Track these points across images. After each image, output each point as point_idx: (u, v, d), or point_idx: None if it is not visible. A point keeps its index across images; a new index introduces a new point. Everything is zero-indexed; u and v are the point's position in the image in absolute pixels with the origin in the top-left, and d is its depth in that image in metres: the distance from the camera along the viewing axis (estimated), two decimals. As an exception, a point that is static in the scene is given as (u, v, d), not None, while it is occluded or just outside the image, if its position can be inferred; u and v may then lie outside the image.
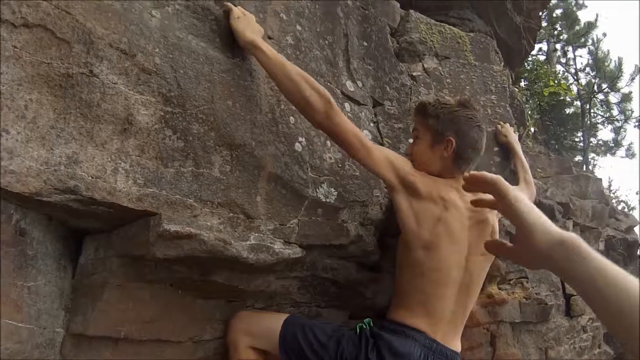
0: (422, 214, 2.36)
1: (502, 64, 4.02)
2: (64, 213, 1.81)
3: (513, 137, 3.39)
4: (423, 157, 2.51)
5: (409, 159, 2.55)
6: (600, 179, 6.48)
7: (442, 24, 3.74)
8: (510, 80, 4.05)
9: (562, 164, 5.87)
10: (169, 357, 2.20)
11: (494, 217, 2.54)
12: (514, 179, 3.28)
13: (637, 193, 12.21)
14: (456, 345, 2.47)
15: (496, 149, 3.38)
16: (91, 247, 2.07)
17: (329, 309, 2.83)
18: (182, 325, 2.21)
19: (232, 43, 2.14)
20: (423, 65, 3.41)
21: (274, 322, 2.42)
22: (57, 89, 1.64)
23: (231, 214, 2.09)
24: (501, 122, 3.46)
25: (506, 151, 3.43)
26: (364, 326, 2.43)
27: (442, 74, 3.45)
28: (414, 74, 3.33)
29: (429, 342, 2.33)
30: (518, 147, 3.36)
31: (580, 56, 14.31)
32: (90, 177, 1.69)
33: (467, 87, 3.51)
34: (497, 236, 2.54)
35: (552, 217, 4.29)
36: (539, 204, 4.09)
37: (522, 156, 3.34)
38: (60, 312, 1.98)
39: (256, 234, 2.16)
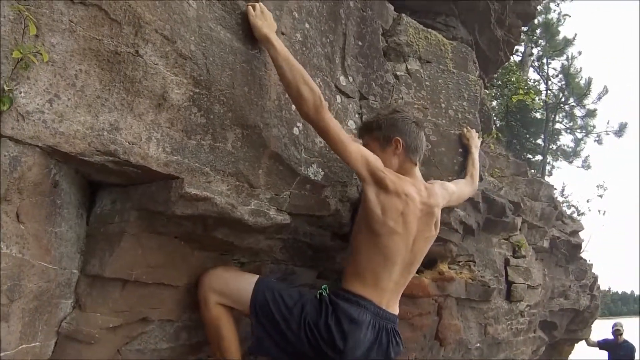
0: (388, 206, 2.58)
1: (478, 73, 4.21)
2: (95, 170, 2.00)
3: (474, 141, 3.64)
4: (383, 159, 2.71)
5: None
6: (552, 185, 6.79)
7: (429, 29, 3.90)
8: (482, 88, 4.26)
9: (518, 167, 6.12)
10: (167, 299, 2.44)
11: (439, 210, 2.86)
12: (464, 173, 3.56)
13: (587, 201, 12.63)
14: (396, 310, 2.77)
15: (460, 150, 3.62)
16: (107, 198, 2.25)
17: (302, 267, 3.10)
18: (180, 273, 2.45)
19: (252, 36, 2.35)
20: (407, 66, 3.60)
21: (245, 283, 2.58)
22: (105, 63, 1.83)
23: (238, 183, 2.34)
24: (467, 127, 3.69)
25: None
26: (323, 293, 2.63)
27: (423, 76, 3.63)
28: (398, 73, 3.53)
29: (376, 310, 2.60)
30: (475, 150, 3.61)
31: (554, 68, 14.51)
32: (127, 143, 1.90)
33: (443, 91, 3.70)
34: (439, 224, 2.86)
35: (502, 212, 4.60)
36: (491, 200, 4.36)
37: (476, 157, 3.60)
38: (77, 256, 2.15)
39: (256, 201, 2.42)
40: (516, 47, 13.80)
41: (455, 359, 4.53)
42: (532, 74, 14.56)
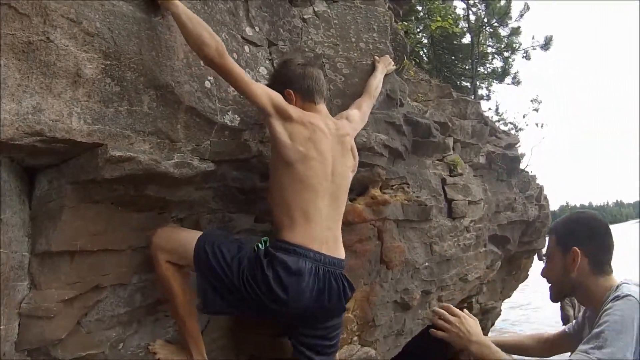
0: (295, 133, 2.78)
1: (388, 5, 4.48)
2: (26, 153, 2.26)
3: (381, 64, 3.95)
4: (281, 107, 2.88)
5: None
6: (479, 103, 6.89)
7: None
8: (393, 19, 4.47)
9: (442, 89, 6.31)
10: (115, 264, 2.70)
11: (351, 139, 3.13)
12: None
13: (523, 116, 12.95)
14: (340, 254, 2.95)
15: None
16: (44, 180, 2.50)
17: (238, 213, 3.35)
18: (123, 236, 2.70)
19: (154, 5, 2.59)
20: (314, 9, 3.83)
21: (188, 239, 2.74)
22: (21, 54, 2.07)
23: (159, 140, 2.60)
24: (378, 55, 4.00)
25: (386, 77, 4.03)
26: (260, 245, 2.74)
27: (330, 15, 3.88)
28: (305, 16, 3.76)
29: (317, 256, 2.75)
30: (380, 69, 3.91)
31: None
32: (51, 121, 2.16)
33: (352, 26, 3.97)
34: (355, 152, 3.18)
35: (429, 133, 4.85)
36: (415, 122, 4.61)
37: (378, 73, 3.88)
38: (25, 239, 2.40)
39: (179, 154, 2.68)
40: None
41: (405, 280, 4.82)
42: (459, 3, 14.86)
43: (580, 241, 2.45)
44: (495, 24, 13.95)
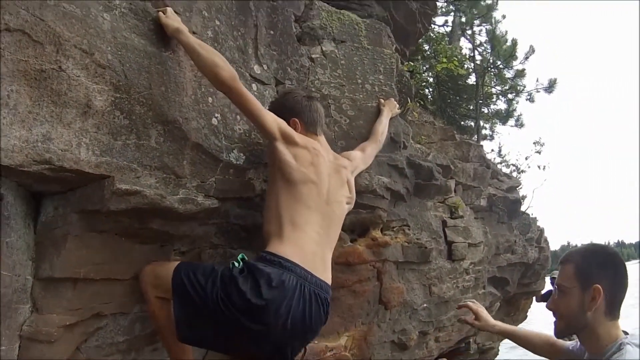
0: (300, 156, 2.82)
1: (395, 47, 4.50)
2: (33, 180, 2.26)
3: (387, 108, 3.98)
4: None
5: None
6: (481, 146, 6.97)
7: (342, 11, 4.16)
8: (399, 61, 4.53)
9: (445, 132, 6.38)
10: (116, 293, 2.70)
11: (348, 172, 3.16)
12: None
13: (526, 158, 12.91)
14: (328, 278, 2.85)
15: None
16: (50, 206, 2.51)
17: (240, 249, 3.27)
18: (126, 267, 2.70)
19: (164, 39, 2.64)
20: (322, 48, 3.88)
21: (167, 271, 2.66)
22: (33, 81, 2.10)
23: (165, 175, 2.62)
24: (383, 98, 4.04)
25: (391, 120, 4.04)
26: (235, 264, 2.62)
27: (338, 56, 3.91)
28: (313, 56, 3.81)
29: (304, 273, 2.64)
30: (387, 114, 3.95)
31: (479, 34, 14.85)
32: (60, 150, 2.17)
33: (359, 67, 4.00)
34: (352, 187, 3.22)
35: (431, 176, 4.86)
36: (418, 165, 4.62)
37: (384, 119, 3.91)
38: (29, 263, 2.42)
39: (184, 190, 2.71)
40: (445, 18, 14.27)
41: (403, 320, 4.82)
42: (465, 43, 14.92)
43: (602, 278, 2.25)
44: (500, 66, 14.02)
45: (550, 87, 15.39)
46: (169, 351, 2.85)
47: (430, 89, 11.32)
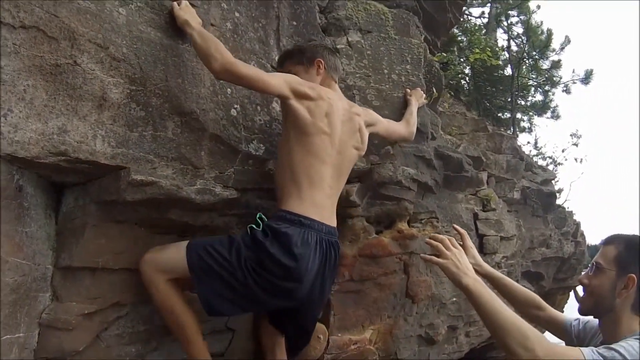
0: (314, 109, 2.82)
1: (423, 37, 4.47)
2: (51, 171, 2.32)
3: (413, 98, 3.95)
4: (307, 79, 2.99)
5: None
6: (514, 137, 6.86)
7: (369, 1, 4.11)
8: (428, 51, 4.48)
9: (477, 123, 6.32)
10: (135, 283, 2.71)
11: (361, 120, 3.14)
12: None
13: (562, 151, 12.62)
14: (334, 223, 2.94)
15: (404, 111, 3.90)
16: (71, 197, 2.57)
17: None
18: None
19: (181, 32, 2.65)
20: (347, 39, 3.86)
21: (176, 252, 2.62)
22: (49, 76, 2.14)
23: (182, 166, 2.65)
24: (410, 88, 4.00)
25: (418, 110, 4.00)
26: (254, 227, 2.67)
27: (364, 46, 3.88)
28: (339, 46, 3.78)
29: (320, 226, 2.75)
30: (415, 103, 3.92)
31: (515, 24, 14.57)
32: (76, 142, 2.22)
33: (385, 57, 3.97)
34: (365, 136, 3.17)
35: (460, 168, 4.81)
36: (446, 156, 4.59)
37: (414, 108, 3.88)
38: (49, 252, 2.47)
39: (201, 181, 2.73)
40: (482, 9, 14.06)
41: (431, 314, 4.76)
42: (501, 34, 14.67)
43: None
44: (536, 57, 13.75)
45: (586, 78, 15.01)
46: (182, 339, 2.73)
47: (466, 81, 11.17)
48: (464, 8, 6.74)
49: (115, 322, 2.73)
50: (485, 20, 13.75)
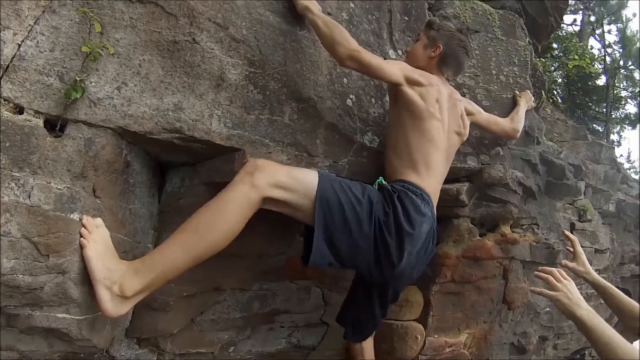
0: (425, 95, 2.68)
1: (527, 39, 4.25)
2: (162, 149, 2.21)
3: (523, 99, 3.71)
4: (416, 53, 2.93)
5: (406, 55, 3.08)
6: (613, 148, 6.53)
7: (475, 1, 3.94)
8: (533, 54, 4.26)
9: (577, 131, 5.99)
10: (238, 268, 2.60)
11: (462, 106, 3.00)
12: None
13: None
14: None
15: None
16: (177, 177, 2.46)
17: None
18: (251, 243, 2.42)
19: (300, 18, 2.51)
20: None
21: (304, 173, 2.27)
22: (166, 52, 2.04)
23: (297, 152, 2.50)
24: (518, 90, 3.77)
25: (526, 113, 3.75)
26: (382, 183, 2.55)
27: (472, 46, 3.67)
28: None
29: (432, 209, 2.62)
30: (523, 104, 3.68)
31: (609, 32, 13.99)
32: (191, 120, 2.10)
33: (493, 58, 3.77)
34: (466, 121, 3.01)
35: (562, 175, 4.54)
36: (550, 162, 4.34)
37: (521, 109, 3.65)
38: (150, 232, 2.38)
39: (315, 168, 2.53)
40: (574, 16, 13.53)
41: (525, 323, 4.56)
42: (594, 43, 14.14)
43: None
44: (632, 67, 13.13)
45: (682, 91, 14.29)
46: (188, 244, 2.07)
47: (559, 89, 10.69)
48: (565, 13, 6.38)
49: (212, 307, 2.64)
50: (577, 28, 13.21)
